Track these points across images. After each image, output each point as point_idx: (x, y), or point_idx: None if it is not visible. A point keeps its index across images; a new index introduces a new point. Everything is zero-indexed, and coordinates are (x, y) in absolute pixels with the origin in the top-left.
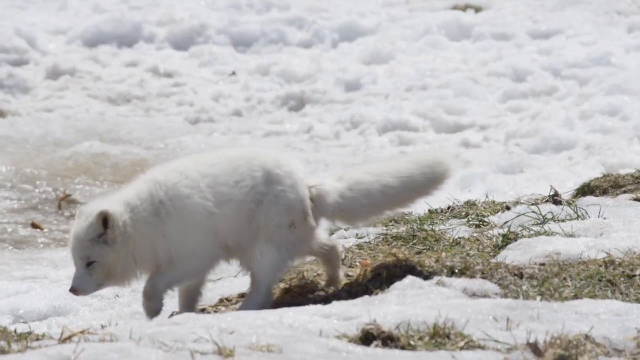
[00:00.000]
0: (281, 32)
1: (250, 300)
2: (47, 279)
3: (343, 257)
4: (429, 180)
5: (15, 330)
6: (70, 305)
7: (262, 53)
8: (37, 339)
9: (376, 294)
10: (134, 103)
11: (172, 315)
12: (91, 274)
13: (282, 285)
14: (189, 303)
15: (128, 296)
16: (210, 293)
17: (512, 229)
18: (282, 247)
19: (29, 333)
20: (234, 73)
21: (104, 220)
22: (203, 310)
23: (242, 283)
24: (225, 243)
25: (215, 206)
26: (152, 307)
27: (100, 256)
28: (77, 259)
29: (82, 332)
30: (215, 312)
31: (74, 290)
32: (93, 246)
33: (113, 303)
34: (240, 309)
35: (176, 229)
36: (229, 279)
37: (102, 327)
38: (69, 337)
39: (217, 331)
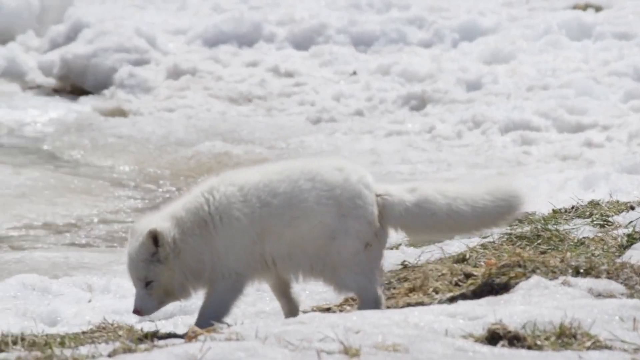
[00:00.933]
0: (401, 31)
1: (361, 306)
2: None
3: (467, 256)
4: (500, 213)
5: (141, 329)
6: (195, 304)
7: (382, 53)
8: (164, 338)
9: (501, 293)
10: (256, 103)
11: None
12: (151, 293)
13: (406, 285)
14: (291, 309)
15: (253, 295)
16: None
17: (637, 229)
18: (365, 268)
19: (156, 332)
20: (354, 73)
21: (154, 238)
22: (328, 310)
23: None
24: (269, 261)
25: (266, 234)
26: (211, 316)
27: (157, 275)
28: (135, 280)
29: (208, 330)
30: (340, 311)
31: (137, 311)
32: (148, 266)
33: (238, 302)
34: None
35: (223, 244)
36: None
37: (228, 326)
38: (195, 336)
39: (342, 330)
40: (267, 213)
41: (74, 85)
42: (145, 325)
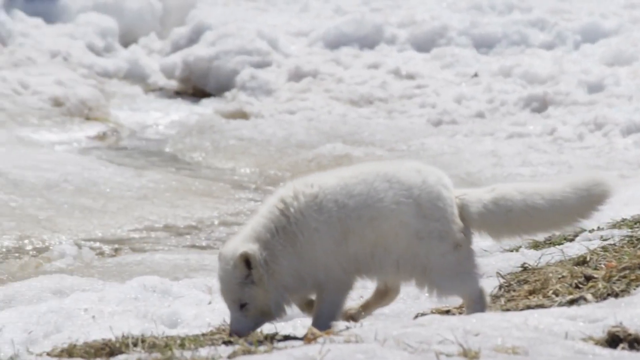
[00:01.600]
0: (523, 33)
1: (472, 310)
2: None
3: (588, 259)
4: (583, 203)
5: (261, 331)
6: None
7: (504, 54)
8: (283, 340)
9: (622, 296)
10: (377, 105)
11: (416, 316)
12: (247, 315)
13: (526, 287)
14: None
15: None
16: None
17: None
18: (458, 269)
19: (275, 334)
20: (476, 75)
21: (246, 261)
22: (448, 312)
23: (486, 285)
24: (357, 267)
25: (347, 238)
26: (326, 323)
27: (251, 297)
28: (229, 302)
29: (327, 333)
30: (459, 313)
31: (234, 333)
32: (242, 289)
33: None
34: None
35: (309, 256)
36: None
37: (347, 328)
38: (315, 338)
39: (462, 333)
40: (344, 215)
41: (196, 87)
42: (265, 327)
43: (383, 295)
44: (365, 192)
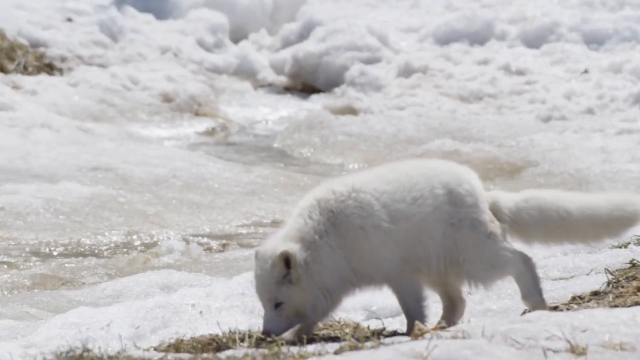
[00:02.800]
0: (634, 29)
1: (520, 282)
2: None
3: None
4: (612, 218)
5: (368, 327)
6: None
7: (614, 51)
8: (390, 336)
9: None
10: (486, 101)
11: (524, 312)
12: (281, 314)
13: (635, 283)
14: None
15: (480, 293)
16: (563, 291)
17: None
18: (493, 260)
19: (382, 329)
20: (586, 71)
21: (286, 261)
22: (555, 308)
23: (594, 281)
24: (408, 258)
25: (390, 224)
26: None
27: (288, 296)
28: (264, 301)
29: (434, 329)
30: (567, 309)
31: (267, 332)
32: (279, 288)
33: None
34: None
35: (355, 255)
36: (581, 277)
37: (454, 324)
38: (422, 334)
39: (569, 329)
40: (384, 203)
41: (305, 83)
42: (372, 323)
43: (452, 310)
44: (400, 179)
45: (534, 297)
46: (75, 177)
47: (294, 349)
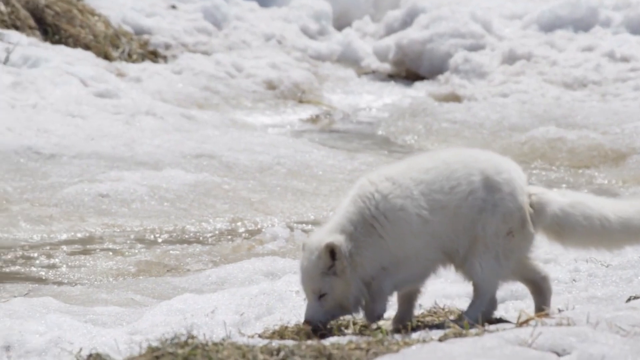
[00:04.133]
0: None
1: (474, 308)
2: None
3: None
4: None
5: None
6: (526, 290)
7: None
8: (494, 323)
9: None
10: (590, 88)
11: (629, 299)
12: (323, 305)
13: None
14: (409, 305)
15: (585, 280)
16: None
17: None
18: (499, 256)
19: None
20: None
21: (331, 252)
22: None
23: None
24: (442, 248)
25: (430, 214)
26: (376, 309)
27: (331, 288)
28: (308, 292)
29: (539, 316)
30: None
31: (308, 322)
32: (323, 279)
33: (570, 287)
34: (465, 314)
35: (395, 241)
36: None
37: (559, 311)
38: (526, 321)
39: None
40: (423, 189)
41: (409, 70)
42: None
43: (539, 293)
44: (438, 165)
45: (470, 316)
46: (180, 164)
47: (398, 336)
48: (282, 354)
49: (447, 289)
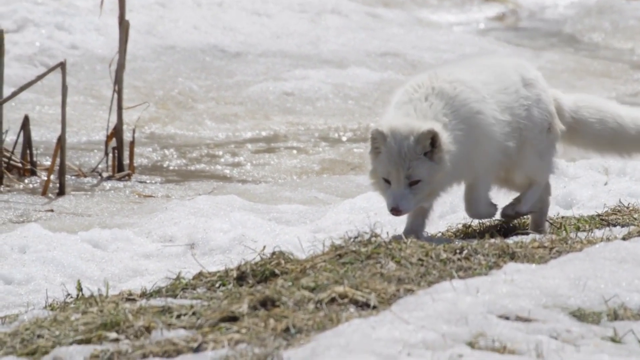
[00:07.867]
0: None
1: (532, 192)
2: None
3: None
4: None
5: None
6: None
7: None
8: None
9: None
10: None
11: None
12: (415, 193)
13: None
14: (421, 220)
15: None
16: None
17: None
18: (545, 153)
19: None
20: None
21: (433, 139)
22: None
23: None
24: (505, 151)
25: (499, 114)
26: (486, 212)
27: (428, 174)
28: (400, 177)
29: None
30: None
31: (396, 210)
32: (420, 165)
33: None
34: (524, 200)
35: (478, 143)
36: None
37: None
38: None
39: None
40: (484, 94)
41: None
42: None
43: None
44: (486, 70)
45: (524, 208)
46: (364, 63)
47: (582, 234)
48: (465, 252)
49: (632, 188)
